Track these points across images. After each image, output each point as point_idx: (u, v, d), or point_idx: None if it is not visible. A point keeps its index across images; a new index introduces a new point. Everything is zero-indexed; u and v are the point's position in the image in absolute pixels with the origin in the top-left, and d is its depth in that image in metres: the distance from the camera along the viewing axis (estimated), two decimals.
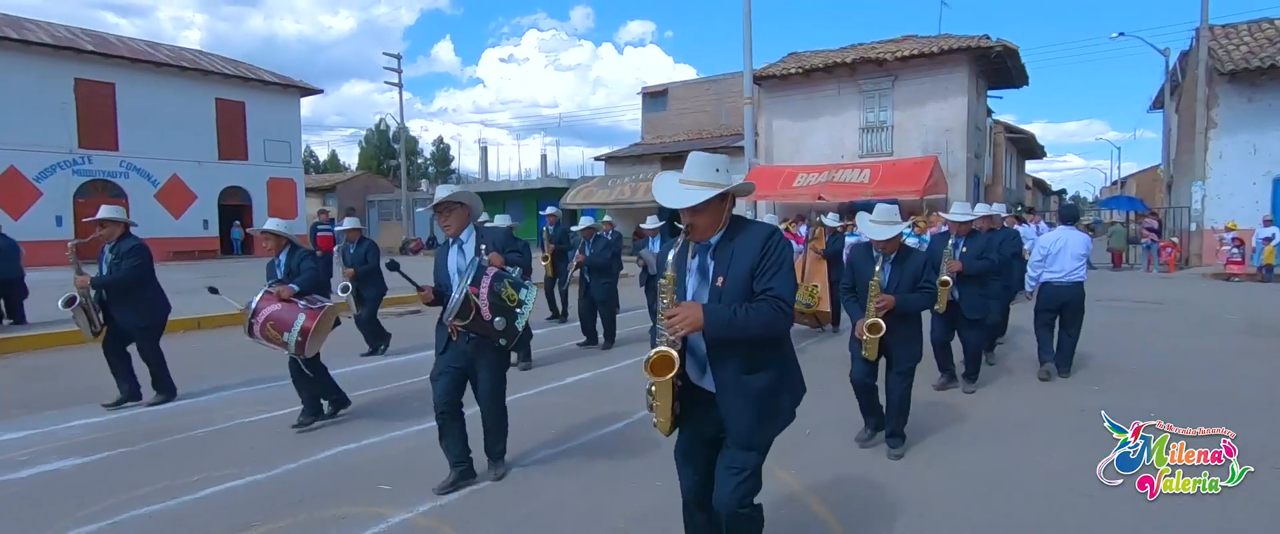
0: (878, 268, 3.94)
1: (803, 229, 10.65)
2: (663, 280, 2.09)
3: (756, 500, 2.22)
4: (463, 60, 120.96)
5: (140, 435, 4.50)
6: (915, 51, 17.79)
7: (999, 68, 19.02)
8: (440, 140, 66.37)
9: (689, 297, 2.16)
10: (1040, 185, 49.03)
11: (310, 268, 4.71)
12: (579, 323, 7.99)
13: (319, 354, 4.66)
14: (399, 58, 29.93)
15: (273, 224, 4.81)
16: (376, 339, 7.39)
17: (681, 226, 2.13)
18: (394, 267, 3.55)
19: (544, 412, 5.04)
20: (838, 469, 3.82)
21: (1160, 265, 16.76)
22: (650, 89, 28.91)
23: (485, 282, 3.28)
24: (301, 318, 4.39)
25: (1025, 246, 11.03)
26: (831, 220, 8.75)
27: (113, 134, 21.92)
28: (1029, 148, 31.20)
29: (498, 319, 3.28)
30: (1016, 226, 11.91)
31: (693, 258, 2.18)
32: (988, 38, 17.76)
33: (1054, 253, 5.97)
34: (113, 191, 21.77)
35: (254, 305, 4.44)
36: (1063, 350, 6.06)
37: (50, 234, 19.58)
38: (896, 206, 4.19)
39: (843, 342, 4.32)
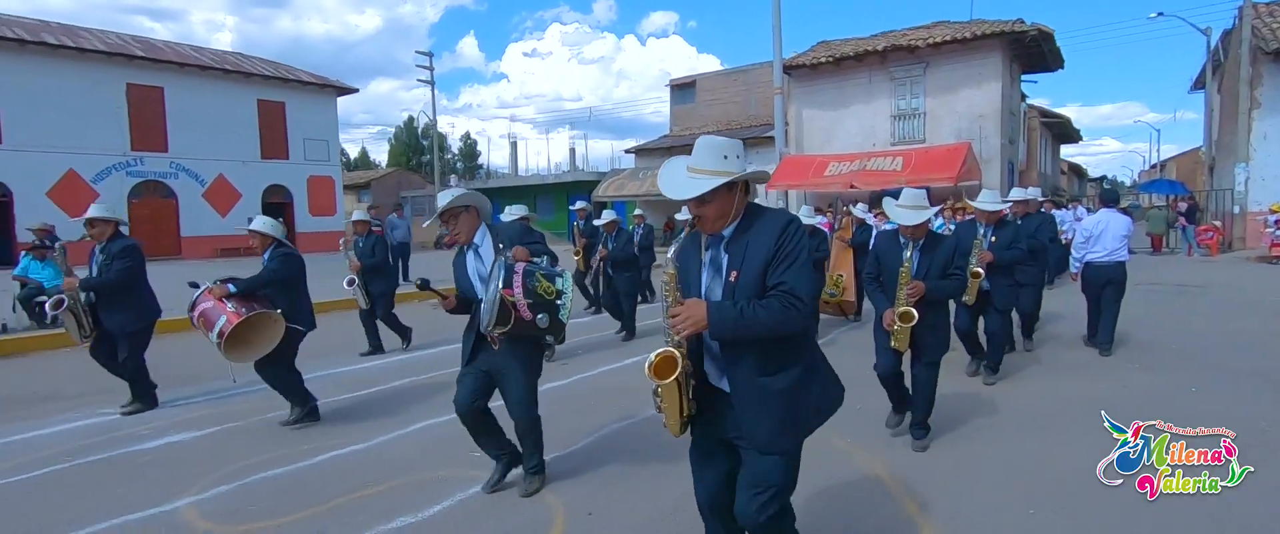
0: (907, 255, 3.81)
1: (819, 219, 10.58)
2: (664, 279, 1.98)
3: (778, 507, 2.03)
4: (486, 55, 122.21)
5: (243, 414, 4.93)
6: (947, 37, 17.71)
7: (1033, 52, 18.82)
8: (467, 136, 67.41)
9: (702, 293, 2.01)
10: (1075, 170, 48.07)
11: (271, 270, 4.53)
12: (609, 315, 8.10)
13: (280, 360, 4.52)
14: (430, 55, 30.53)
15: (258, 223, 4.66)
16: (399, 334, 7.31)
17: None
18: (425, 285, 3.33)
19: (564, 404, 4.91)
20: (857, 461, 3.70)
21: (1201, 249, 16.52)
22: (678, 81, 29.05)
23: (517, 280, 3.01)
24: (222, 320, 4.26)
25: (1061, 230, 11.07)
26: (859, 210, 8.73)
27: (163, 136, 22.80)
28: (1064, 132, 30.69)
29: (541, 317, 3.03)
30: (1053, 211, 11.94)
31: (706, 251, 2.04)
32: (1022, 22, 17.59)
33: (1097, 235, 6.25)
34: (164, 192, 22.70)
35: (195, 297, 4.42)
36: (1104, 328, 6.28)
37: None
38: (925, 192, 4.08)
39: (869, 331, 4.16)
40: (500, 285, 2.98)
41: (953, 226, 7.13)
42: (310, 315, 4.74)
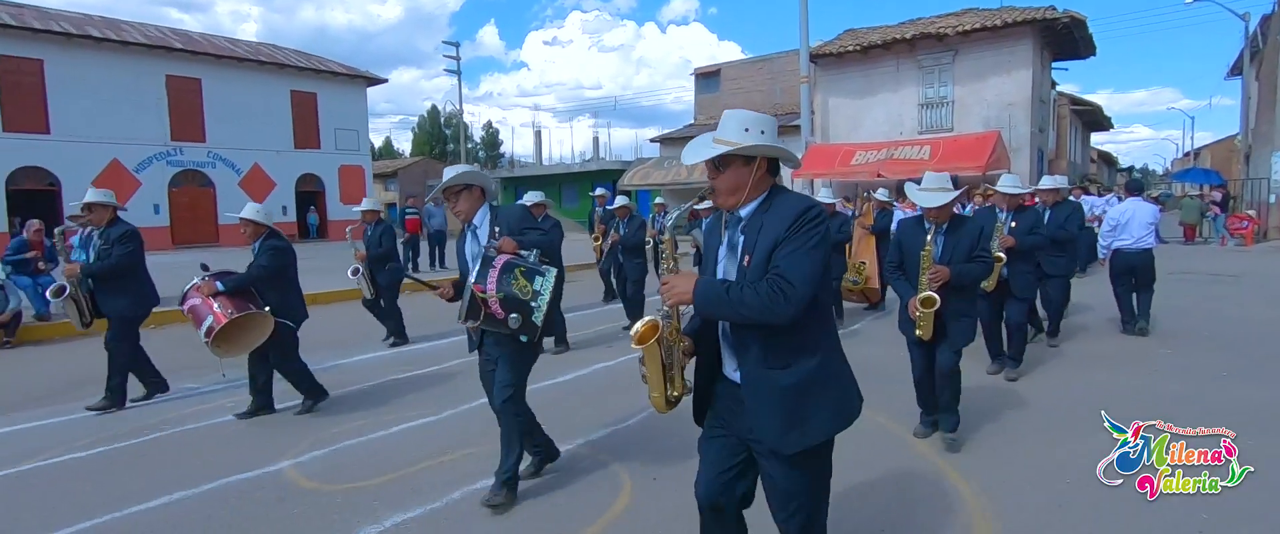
0: (929, 238, 3.70)
1: (836, 204, 10.68)
2: (661, 243, 1.95)
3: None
4: (507, 44, 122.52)
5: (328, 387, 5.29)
6: (977, 25, 17.60)
7: (1064, 38, 18.62)
8: (489, 125, 67.88)
9: (718, 275, 1.95)
10: (1105, 158, 47.22)
11: (260, 266, 4.49)
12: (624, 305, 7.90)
13: (283, 353, 4.58)
14: (457, 45, 30.89)
15: (250, 211, 4.61)
16: (398, 328, 7.17)
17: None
18: (410, 277, 3.39)
19: (570, 400, 4.90)
20: (877, 464, 3.53)
21: (1235, 238, 16.34)
22: (703, 69, 29.10)
23: (493, 275, 2.92)
24: (208, 320, 4.25)
25: (1088, 215, 11.06)
26: (881, 194, 8.66)
27: (200, 127, 23.42)
28: (1094, 120, 30.25)
29: (512, 316, 2.92)
30: (1081, 198, 11.92)
31: (726, 231, 1.97)
32: (1053, 9, 17.42)
33: (1124, 222, 6.50)
34: (202, 181, 23.36)
35: (185, 290, 4.40)
36: (1140, 308, 6.53)
37: (149, 221, 21.18)
38: (948, 175, 3.96)
39: (894, 322, 4.12)
40: (474, 279, 2.93)
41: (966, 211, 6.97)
42: (301, 308, 4.72)
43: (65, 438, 4.31)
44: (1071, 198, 9.26)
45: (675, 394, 1.97)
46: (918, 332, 3.70)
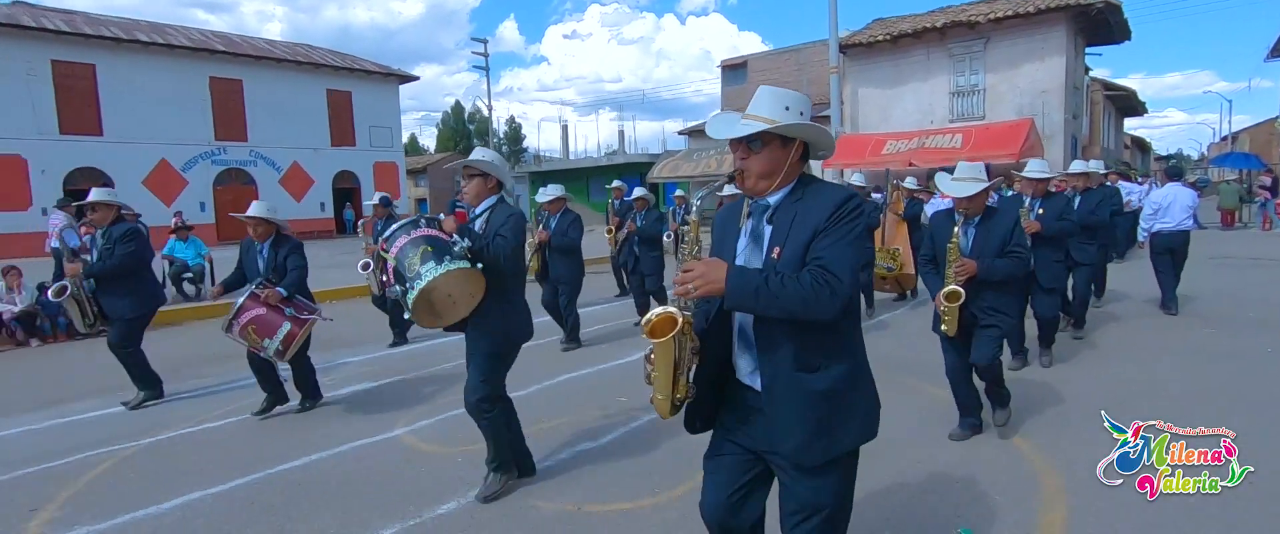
0: (956, 230, 3.54)
1: (876, 197, 10.60)
2: (685, 227, 1.75)
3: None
4: (526, 38, 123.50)
5: (406, 369, 5.77)
6: (1009, 12, 17.51)
7: (1099, 24, 18.44)
8: (512, 119, 68.49)
9: (738, 262, 1.76)
10: (1139, 144, 46.30)
11: (297, 266, 4.40)
12: (634, 300, 7.79)
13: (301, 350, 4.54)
14: (485, 42, 31.32)
15: (257, 208, 4.45)
16: (401, 327, 6.96)
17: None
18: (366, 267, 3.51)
19: (578, 397, 4.81)
20: (912, 466, 3.40)
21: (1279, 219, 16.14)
22: (729, 61, 29.18)
23: (404, 239, 2.97)
24: (285, 327, 4.18)
25: (1127, 201, 11.04)
26: (910, 183, 8.64)
27: (242, 126, 24.17)
28: (1128, 105, 29.75)
29: (394, 288, 3.00)
30: (1119, 184, 11.87)
31: (747, 219, 1.80)
32: None
33: (1165, 206, 6.84)
34: (244, 179, 24.10)
35: (239, 304, 4.19)
36: (1167, 291, 6.87)
37: (196, 218, 21.91)
38: (982, 164, 3.76)
39: (926, 315, 4.04)
40: (387, 235, 3.02)
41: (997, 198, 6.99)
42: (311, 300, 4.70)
43: (196, 411, 4.79)
44: (1108, 183, 9.31)
45: (680, 397, 1.76)
46: (943, 326, 3.57)
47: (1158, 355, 5.37)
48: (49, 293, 4.93)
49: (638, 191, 7.86)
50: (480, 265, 3.01)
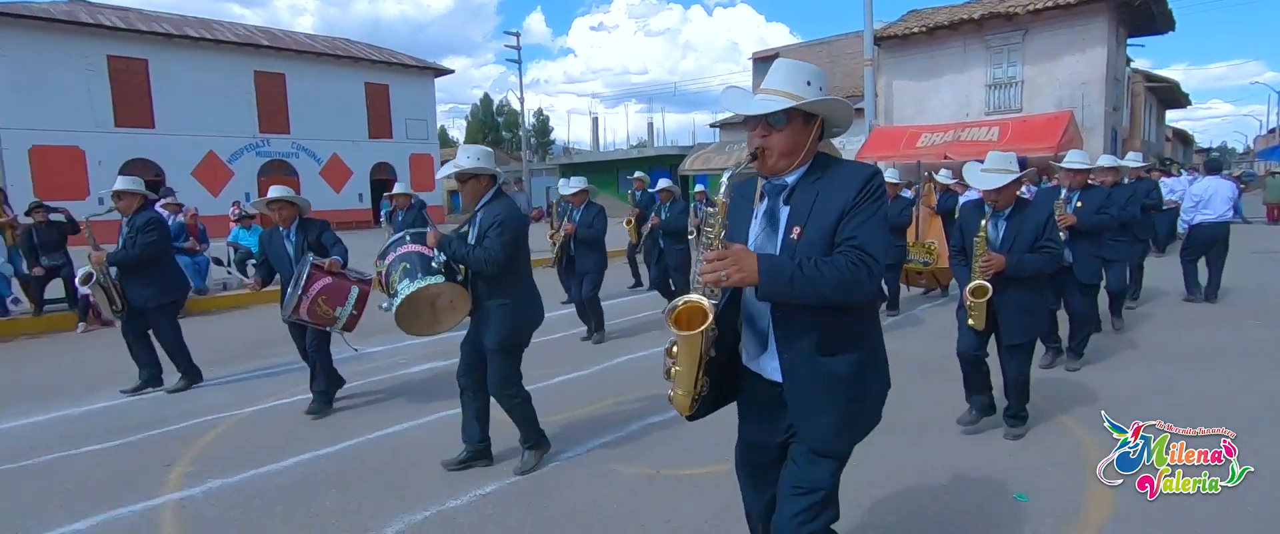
0: (984, 222, 3.42)
1: (906, 193, 10.38)
2: (710, 209, 1.60)
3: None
4: (553, 31, 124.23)
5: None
6: (1049, 3, 17.30)
7: (1141, 14, 18.15)
8: (539, 111, 69.05)
9: (751, 247, 1.69)
10: (1181, 137, 45.13)
11: (336, 240, 4.38)
12: (658, 292, 7.69)
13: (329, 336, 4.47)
14: (518, 35, 31.66)
15: (279, 191, 4.38)
16: None
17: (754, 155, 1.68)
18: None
19: (602, 389, 4.84)
20: (942, 460, 3.36)
21: None
22: (761, 54, 29.17)
23: (392, 256, 3.31)
24: (355, 290, 4.20)
25: (1170, 198, 10.91)
26: (943, 176, 8.50)
27: (285, 119, 24.91)
28: (1170, 97, 29.10)
29: (384, 302, 3.32)
30: (1162, 179, 11.70)
31: (760, 201, 1.73)
32: None
33: (1206, 199, 7.10)
34: (287, 170, 24.84)
35: (305, 277, 4.08)
36: (1212, 282, 7.08)
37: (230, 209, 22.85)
38: (1014, 155, 3.63)
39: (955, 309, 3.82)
40: (380, 255, 3.40)
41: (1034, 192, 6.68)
42: None
43: (275, 389, 5.15)
44: (1148, 177, 9.19)
45: (699, 392, 1.70)
46: (970, 321, 3.51)
47: (1206, 355, 5.16)
48: (76, 281, 5.03)
49: (662, 183, 7.81)
50: (460, 277, 3.21)
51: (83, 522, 2.99)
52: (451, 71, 30.36)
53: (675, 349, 1.63)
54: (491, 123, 60.87)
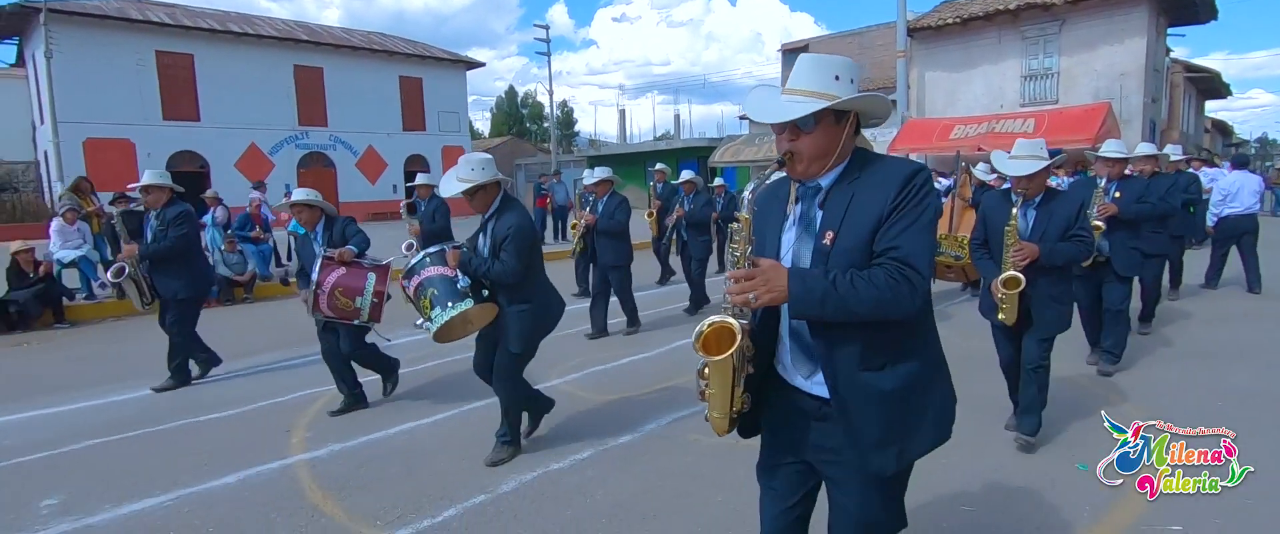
0: (1014, 211, 3.32)
1: (943, 181, 10.03)
2: (734, 224, 1.53)
3: None
4: (576, 22, 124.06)
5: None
6: None
7: (1183, 3, 17.91)
8: (564, 103, 69.49)
9: (785, 260, 1.58)
10: (1220, 127, 44.10)
11: (357, 232, 4.34)
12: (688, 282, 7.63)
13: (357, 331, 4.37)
14: (547, 28, 31.97)
15: (303, 194, 4.38)
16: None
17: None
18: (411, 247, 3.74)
19: (619, 385, 4.88)
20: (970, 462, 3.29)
21: None
22: (790, 45, 29.12)
23: (416, 280, 3.39)
24: (372, 278, 4.09)
25: (1207, 188, 10.84)
26: (980, 171, 8.37)
27: (323, 112, 25.51)
28: (1211, 87, 28.53)
29: (418, 320, 3.42)
30: (1202, 170, 11.56)
31: (795, 204, 1.61)
32: None
33: (1233, 192, 7.51)
34: (325, 162, 25.48)
35: (315, 276, 4.04)
36: (1250, 272, 7.42)
37: (281, 199, 23.51)
38: (1042, 141, 3.54)
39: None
40: (404, 276, 3.42)
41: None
42: None
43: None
44: (1189, 169, 9.19)
45: (737, 410, 1.61)
46: (1000, 316, 3.37)
47: (1216, 371, 4.87)
48: (108, 273, 5.06)
49: (685, 174, 7.72)
50: (485, 291, 3.36)
51: (231, 476, 3.37)
52: (483, 65, 30.78)
53: (706, 372, 1.54)
54: (516, 115, 61.41)
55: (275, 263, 10.78)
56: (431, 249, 3.42)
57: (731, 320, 1.47)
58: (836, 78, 1.53)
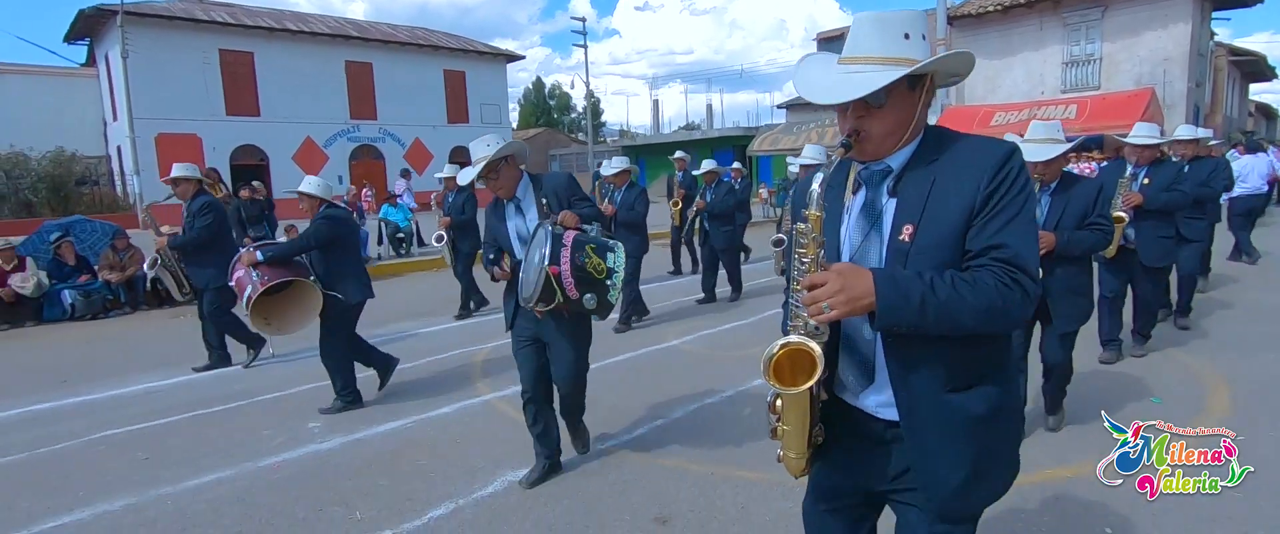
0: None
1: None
2: (801, 225, 1.29)
3: None
4: (598, 11, 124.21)
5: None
6: None
7: None
8: (590, 93, 69.93)
9: (845, 256, 1.37)
10: (1264, 111, 43.08)
11: (306, 234, 4.27)
12: (701, 278, 7.48)
13: (333, 333, 4.31)
14: (583, 21, 32.60)
15: (309, 184, 4.33)
16: (469, 297, 7.03)
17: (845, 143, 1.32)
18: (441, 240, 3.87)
19: (636, 379, 4.83)
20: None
21: None
22: (825, 34, 29.33)
23: (566, 254, 2.75)
24: (248, 290, 4.18)
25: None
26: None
27: (373, 106, 26.48)
28: (1256, 70, 28.11)
29: (587, 297, 2.80)
30: (1244, 156, 11.67)
31: (855, 192, 1.38)
32: None
33: (1245, 174, 8.34)
34: (375, 154, 26.47)
35: (232, 263, 4.27)
36: (1246, 245, 8.40)
37: (335, 190, 24.54)
38: (1058, 123, 3.41)
39: None
40: (546, 261, 2.73)
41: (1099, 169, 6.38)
42: (359, 284, 4.34)
43: (449, 341, 6.19)
44: (1231, 153, 9.82)
45: (815, 444, 1.43)
46: None
47: (1253, 363, 4.62)
48: (144, 265, 5.47)
49: (706, 165, 7.58)
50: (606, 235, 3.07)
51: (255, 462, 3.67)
52: (523, 57, 31.57)
53: (779, 404, 1.34)
54: (544, 106, 62.12)
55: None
56: (541, 224, 2.93)
57: (808, 342, 1.25)
58: (907, 36, 1.28)
